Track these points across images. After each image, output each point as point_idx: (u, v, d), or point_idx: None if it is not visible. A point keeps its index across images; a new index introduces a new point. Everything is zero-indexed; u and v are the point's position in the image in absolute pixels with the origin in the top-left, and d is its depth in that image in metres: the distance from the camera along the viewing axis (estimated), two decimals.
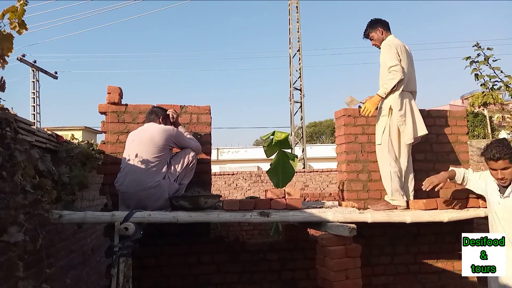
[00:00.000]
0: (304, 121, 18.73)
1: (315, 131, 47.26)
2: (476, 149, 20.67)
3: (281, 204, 3.33)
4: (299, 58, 18.50)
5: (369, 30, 3.80)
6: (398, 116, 3.53)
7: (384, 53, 3.60)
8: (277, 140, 5.17)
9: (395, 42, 3.60)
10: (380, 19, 3.80)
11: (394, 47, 3.54)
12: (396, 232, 4.03)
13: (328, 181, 14.58)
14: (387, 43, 3.61)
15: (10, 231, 1.93)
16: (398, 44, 3.58)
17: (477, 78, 4.13)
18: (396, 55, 3.51)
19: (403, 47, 3.60)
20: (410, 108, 3.58)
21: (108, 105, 3.73)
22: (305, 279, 3.93)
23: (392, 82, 3.45)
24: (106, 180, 3.58)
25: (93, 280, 4.85)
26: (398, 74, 3.44)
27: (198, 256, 3.77)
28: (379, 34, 3.75)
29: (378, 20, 3.80)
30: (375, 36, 3.77)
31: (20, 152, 2.14)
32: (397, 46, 3.56)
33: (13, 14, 2.25)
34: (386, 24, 3.77)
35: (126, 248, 2.72)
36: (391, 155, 3.57)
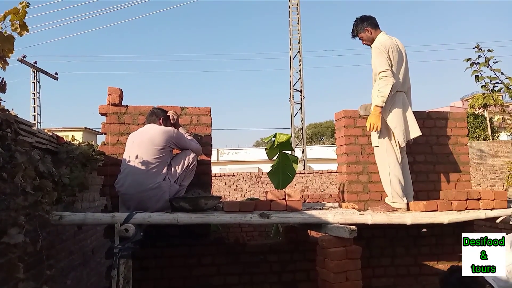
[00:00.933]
0: (304, 122, 18.71)
1: (315, 132, 47.25)
2: (476, 150, 20.63)
3: (281, 205, 3.33)
4: (299, 60, 18.50)
5: (357, 30, 3.70)
6: (390, 118, 3.51)
7: (374, 57, 3.53)
8: (278, 142, 5.19)
9: (386, 44, 3.50)
10: (367, 17, 3.69)
11: (384, 51, 3.46)
12: (396, 234, 4.03)
13: (328, 183, 14.57)
14: (377, 47, 3.51)
15: (11, 233, 1.93)
16: (389, 45, 3.49)
17: (477, 79, 4.13)
18: (387, 59, 3.44)
19: (394, 47, 3.51)
20: (402, 110, 3.54)
21: (109, 106, 3.73)
22: (306, 281, 3.92)
23: (386, 89, 3.38)
24: (107, 182, 3.58)
25: (93, 281, 4.85)
26: (390, 79, 3.38)
27: (198, 257, 3.77)
28: (368, 35, 3.66)
29: (365, 18, 3.68)
30: (364, 36, 3.68)
31: (21, 154, 2.14)
32: (388, 47, 3.48)
33: (15, 16, 2.26)
34: (373, 22, 3.66)
35: (126, 249, 2.72)
36: (390, 157, 3.55)
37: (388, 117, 3.52)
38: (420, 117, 4.17)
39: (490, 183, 14.59)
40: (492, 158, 19.58)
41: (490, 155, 20.07)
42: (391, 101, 3.51)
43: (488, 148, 20.52)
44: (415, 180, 4.03)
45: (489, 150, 20.42)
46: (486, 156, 20.02)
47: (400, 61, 3.53)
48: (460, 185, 4.12)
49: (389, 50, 3.47)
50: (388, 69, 3.40)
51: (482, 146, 20.61)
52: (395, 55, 3.49)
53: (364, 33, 3.67)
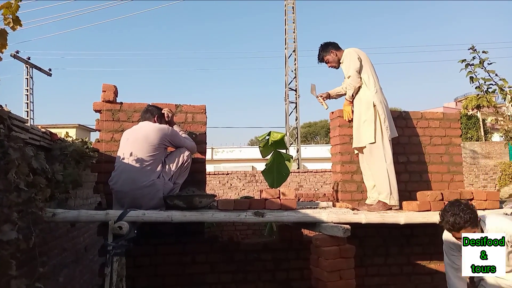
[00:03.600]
0: (299, 121, 18.73)
1: (310, 131, 47.29)
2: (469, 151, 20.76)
3: (276, 204, 3.33)
4: (294, 59, 18.50)
5: (323, 54, 4.03)
6: (381, 111, 3.67)
7: (345, 62, 3.88)
8: (273, 141, 5.19)
9: (355, 49, 3.88)
10: (329, 42, 4.03)
11: (354, 53, 3.80)
12: (389, 233, 4.05)
13: (322, 182, 14.61)
14: (347, 53, 3.87)
15: (3, 229, 1.92)
16: (357, 50, 3.86)
17: (472, 81, 4.14)
18: (358, 59, 3.77)
19: (360, 51, 3.87)
20: (387, 106, 3.78)
21: (103, 103, 3.71)
22: (299, 279, 3.94)
23: (349, 91, 3.79)
24: (100, 179, 3.56)
25: (86, 279, 4.83)
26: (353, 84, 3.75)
27: (192, 255, 3.77)
28: (333, 56, 3.98)
29: (328, 44, 4.02)
30: (330, 58, 4.00)
31: (14, 150, 2.12)
32: (357, 51, 3.84)
33: (7, 10, 2.23)
34: (335, 45, 4.02)
35: (120, 247, 2.71)
36: (386, 151, 3.62)
37: (380, 110, 3.66)
38: (414, 117, 4.21)
39: (483, 184, 14.70)
40: (485, 159, 19.75)
41: (482, 156, 20.25)
42: (379, 93, 3.73)
43: (481, 149, 20.70)
44: (408, 180, 4.06)
45: (482, 151, 20.60)
46: (479, 156, 20.20)
47: (368, 62, 3.86)
48: (453, 185, 4.15)
49: (357, 51, 3.85)
50: (354, 73, 3.74)
51: (475, 147, 20.80)
52: (364, 56, 3.85)
53: (329, 55, 3.99)
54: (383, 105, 3.70)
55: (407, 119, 4.17)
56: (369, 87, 3.74)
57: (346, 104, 3.92)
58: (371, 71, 3.81)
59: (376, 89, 3.74)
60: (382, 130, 3.64)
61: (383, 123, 3.63)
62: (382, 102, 3.71)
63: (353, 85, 3.76)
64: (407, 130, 4.15)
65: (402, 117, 4.17)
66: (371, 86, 3.73)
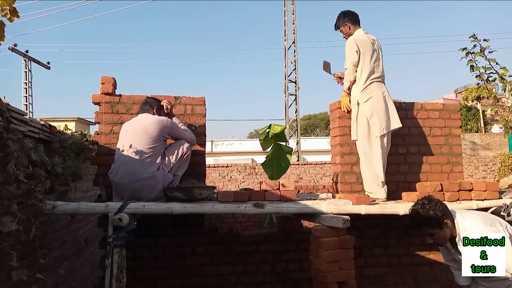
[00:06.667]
0: (298, 113, 18.70)
1: (310, 124, 47.27)
2: (469, 142, 20.74)
3: (276, 195, 3.33)
4: (294, 50, 18.42)
5: (339, 23, 4.00)
6: (365, 108, 3.68)
7: (346, 51, 3.83)
8: (273, 133, 5.19)
9: (357, 38, 3.78)
10: (349, 12, 3.97)
11: (354, 44, 3.72)
12: (389, 224, 4.06)
13: (322, 174, 14.64)
14: (349, 41, 3.81)
15: (3, 221, 1.93)
16: (360, 39, 3.77)
17: (472, 69, 4.12)
18: (356, 52, 3.70)
19: (365, 40, 3.77)
20: (380, 100, 3.70)
21: (102, 95, 3.70)
22: (299, 270, 3.96)
23: (346, 84, 3.83)
24: (100, 171, 3.56)
25: (86, 271, 4.85)
26: (349, 76, 3.76)
27: (192, 247, 3.78)
28: (347, 29, 3.94)
29: (347, 14, 3.96)
30: (344, 30, 3.98)
31: (13, 142, 2.12)
32: (359, 41, 3.74)
33: (4, 2, 2.22)
34: (354, 18, 3.94)
35: (120, 239, 2.72)
36: (373, 148, 3.67)
37: (364, 108, 3.68)
38: (414, 108, 4.20)
39: (482, 175, 14.73)
40: (484, 150, 19.79)
41: (482, 147, 20.29)
42: (367, 91, 3.71)
43: (480, 140, 20.74)
44: (408, 171, 4.07)
45: (482, 142, 20.63)
46: (479, 148, 20.24)
47: (369, 52, 3.74)
48: (452, 176, 4.15)
49: (359, 42, 3.74)
50: (350, 67, 3.73)
51: (475, 138, 20.83)
52: (365, 47, 3.74)
53: (344, 27, 3.96)
54: (373, 101, 3.67)
55: (407, 110, 4.17)
56: (357, 84, 3.75)
57: (343, 96, 3.93)
58: (368, 65, 3.72)
59: (366, 85, 3.69)
60: (369, 127, 3.68)
61: (370, 119, 3.66)
62: (374, 97, 3.68)
63: (348, 78, 3.79)
64: (407, 121, 4.14)
65: (402, 108, 4.16)
66: (360, 83, 3.73)
